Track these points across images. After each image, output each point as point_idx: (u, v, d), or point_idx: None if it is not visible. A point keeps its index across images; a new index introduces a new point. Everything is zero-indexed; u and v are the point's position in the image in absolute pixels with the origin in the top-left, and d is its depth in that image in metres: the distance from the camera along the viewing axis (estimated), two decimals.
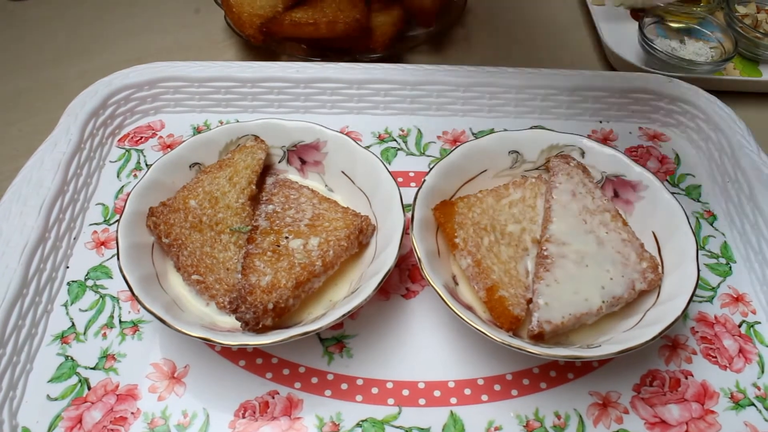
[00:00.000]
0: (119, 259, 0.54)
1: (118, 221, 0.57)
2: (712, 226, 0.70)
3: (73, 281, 0.62)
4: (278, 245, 0.58)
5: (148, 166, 0.67)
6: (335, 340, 0.59)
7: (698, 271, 0.55)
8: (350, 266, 0.60)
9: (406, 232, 0.57)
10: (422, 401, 0.55)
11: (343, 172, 0.66)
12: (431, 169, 0.62)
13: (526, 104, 0.80)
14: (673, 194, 0.61)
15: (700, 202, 0.72)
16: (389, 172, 0.62)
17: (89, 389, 0.55)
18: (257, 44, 0.87)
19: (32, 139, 0.73)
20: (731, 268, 0.66)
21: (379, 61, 0.85)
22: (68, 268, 0.63)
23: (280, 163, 0.68)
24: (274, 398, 0.55)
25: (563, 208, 0.60)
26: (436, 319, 0.60)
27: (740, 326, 0.61)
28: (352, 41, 0.87)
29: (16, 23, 0.99)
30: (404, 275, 0.64)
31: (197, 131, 0.77)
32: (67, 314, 0.60)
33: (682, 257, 0.57)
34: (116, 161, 0.74)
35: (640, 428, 0.54)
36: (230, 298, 0.56)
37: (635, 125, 0.81)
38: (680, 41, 0.94)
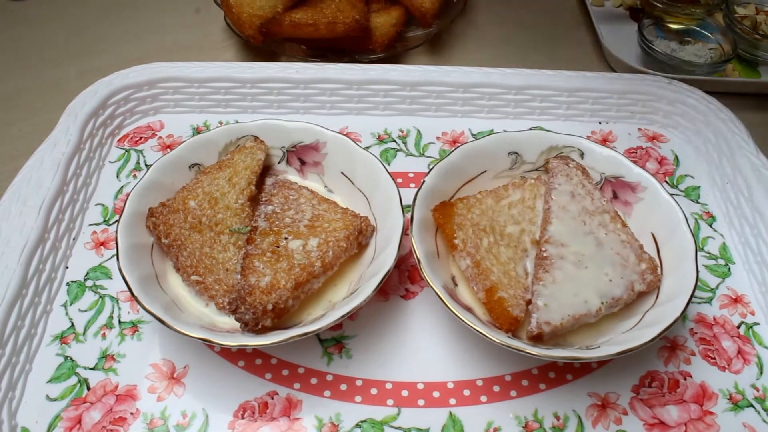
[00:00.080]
0: (119, 259, 0.54)
1: (117, 222, 0.57)
2: (711, 227, 0.70)
3: (72, 281, 0.62)
4: (277, 246, 0.58)
5: (147, 166, 0.67)
6: (334, 340, 0.59)
7: (697, 272, 0.55)
8: (349, 267, 0.60)
9: (405, 233, 0.57)
10: (421, 402, 0.55)
11: (342, 172, 0.66)
12: (431, 170, 0.62)
13: (525, 105, 0.80)
14: (672, 195, 0.61)
15: (699, 203, 0.72)
16: (389, 172, 0.62)
17: (88, 389, 0.55)
18: (257, 45, 0.87)
19: (32, 139, 0.73)
20: (730, 269, 0.66)
21: (378, 61, 0.85)
22: (68, 268, 0.63)
23: (279, 163, 0.68)
24: (273, 399, 0.55)
25: (562, 209, 0.60)
26: (435, 320, 0.60)
27: (739, 327, 0.61)
28: (351, 42, 0.87)
29: (16, 23, 0.99)
30: (403, 276, 0.64)
31: (197, 132, 0.77)
32: (66, 314, 0.60)
33: (681, 258, 0.57)
34: (116, 161, 0.74)
35: (639, 429, 0.54)
36: (230, 298, 0.56)
37: (634, 126, 0.81)
38: (679, 42, 0.94)
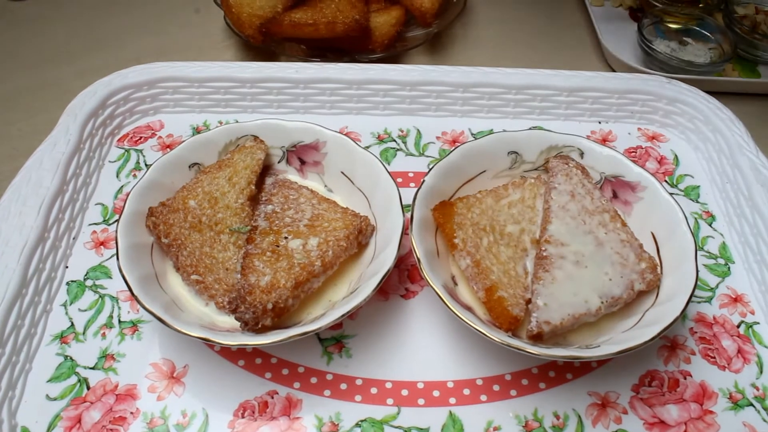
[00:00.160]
0: (118, 259, 0.54)
1: (117, 221, 0.57)
2: (710, 226, 0.70)
3: (72, 281, 0.62)
4: (277, 245, 0.58)
5: (147, 166, 0.67)
6: (334, 340, 0.59)
7: (697, 271, 0.55)
8: (349, 266, 0.60)
9: (405, 232, 0.57)
10: (421, 401, 0.55)
11: (342, 172, 0.66)
12: (430, 169, 0.62)
13: (525, 105, 0.80)
14: (671, 195, 0.61)
15: (698, 202, 0.72)
16: (388, 172, 0.62)
17: (88, 389, 0.55)
18: (256, 45, 0.87)
19: (31, 139, 0.73)
20: (730, 268, 0.66)
21: (378, 61, 0.85)
22: (67, 267, 0.63)
23: (279, 163, 0.68)
24: (273, 398, 0.55)
25: (562, 208, 0.60)
26: (435, 319, 0.60)
27: (739, 327, 0.61)
28: (351, 42, 0.87)
29: (15, 23, 0.99)
30: (403, 275, 0.64)
31: (196, 131, 0.77)
32: (66, 314, 0.60)
33: (680, 258, 0.57)
34: (115, 161, 0.74)
35: (638, 428, 0.54)
36: (229, 298, 0.56)
37: (634, 126, 0.81)
38: (679, 42, 0.94)
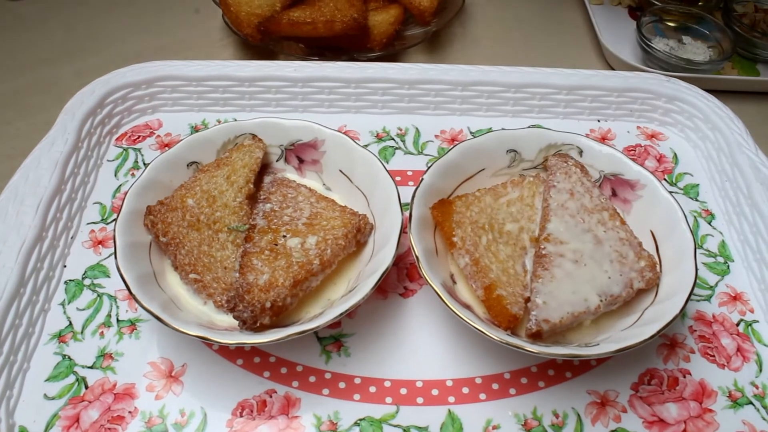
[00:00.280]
0: (117, 257, 0.54)
1: (115, 220, 0.57)
2: (710, 225, 0.70)
3: (70, 280, 0.62)
4: (276, 244, 0.58)
5: (145, 164, 0.67)
6: (333, 338, 0.58)
7: (696, 269, 0.55)
8: (348, 265, 0.60)
9: (404, 230, 0.57)
10: (420, 400, 0.55)
11: (341, 170, 0.66)
12: (429, 167, 0.62)
13: (523, 103, 0.80)
14: (671, 193, 0.61)
15: (698, 201, 0.72)
16: (387, 170, 0.62)
17: (86, 388, 0.55)
18: (255, 43, 0.87)
19: (29, 138, 0.73)
20: (729, 267, 0.66)
21: (376, 60, 0.85)
22: (65, 267, 0.63)
23: (277, 161, 0.68)
24: (271, 397, 0.55)
25: (561, 207, 0.60)
26: (434, 317, 0.60)
27: (738, 325, 0.61)
28: (349, 40, 0.87)
29: (13, 22, 0.99)
30: (402, 274, 0.64)
31: (195, 130, 0.77)
32: (64, 313, 0.60)
33: (680, 256, 0.57)
34: (114, 160, 0.74)
35: (638, 427, 0.54)
36: (228, 296, 0.55)
37: (633, 124, 0.81)
38: (678, 40, 0.94)
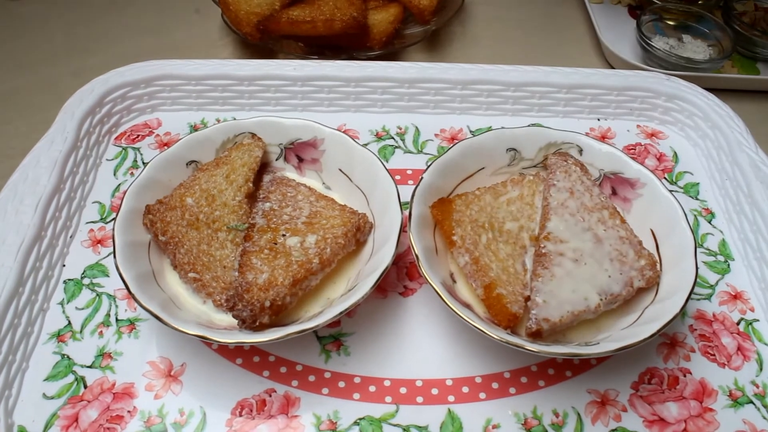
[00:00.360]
0: (116, 257, 0.54)
1: (114, 219, 0.57)
2: (710, 223, 0.70)
3: (69, 279, 0.62)
4: (275, 243, 0.57)
5: (144, 164, 0.67)
6: (332, 338, 0.58)
7: (696, 268, 0.55)
8: (347, 264, 0.60)
9: (403, 229, 0.57)
10: (420, 399, 0.55)
11: (340, 169, 0.66)
12: (429, 166, 0.62)
13: (523, 102, 0.80)
14: (671, 192, 0.61)
15: (698, 199, 0.72)
16: (387, 169, 0.61)
17: (85, 388, 0.55)
18: (254, 42, 0.87)
19: (28, 137, 0.73)
20: (729, 265, 0.66)
21: (376, 58, 0.85)
22: (64, 266, 0.63)
23: (277, 160, 0.68)
24: (271, 396, 0.55)
25: (561, 205, 0.60)
26: (433, 316, 0.60)
27: (738, 324, 0.61)
28: (349, 39, 0.87)
29: (12, 21, 0.99)
30: (402, 273, 0.64)
31: (194, 129, 0.77)
32: (63, 312, 0.60)
33: (680, 255, 0.56)
34: (113, 159, 0.74)
35: (638, 426, 0.54)
36: (227, 295, 0.55)
37: (633, 123, 0.81)
38: (678, 39, 0.94)
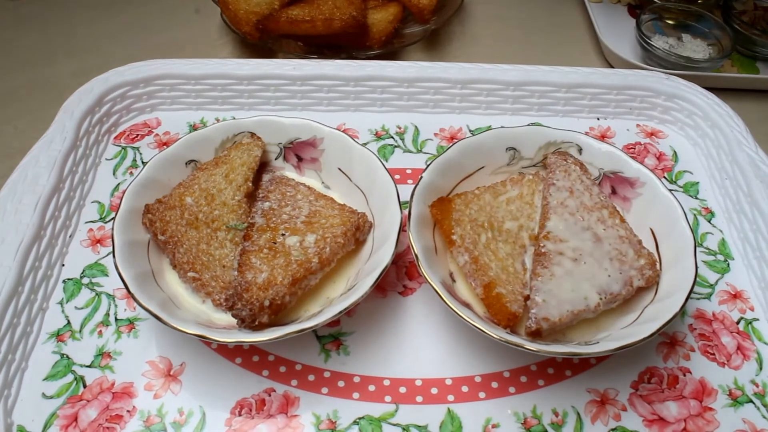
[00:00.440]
0: (115, 256, 0.54)
1: (113, 219, 0.57)
2: (710, 223, 0.70)
3: (68, 279, 0.62)
4: (274, 242, 0.57)
5: (144, 163, 0.67)
6: (332, 337, 0.58)
7: (696, 268, 0.54)
8: (347, 263, 0.60)
9: (403, 229, 0.57)
10: (419, 398, 0.55)
11: (339, 169, 0.66)
12: (428, 166, 0.62)
13: (523, 101, 0.80)
14: (670, 191, 0.60)
15: (697, 199, 0.72)
16: (386, 169, 0.61)
17: (85, 387, 0.55)
18: (253, 42, 0.87)
19: (28, 136, 0.73)
20: (729, 265, 0.66)
21: (375, 58, 0.85)
22: (64, 265, 0.63)
23: (276, 160, 0.68)
24: (270, 396, 0.54)
25: (560, 205, 0.60)
26: (433, 316, 0.60)
27: (738, 323, 0.61)
28: (348, 38, 0.87)
29: (11, 21, 0.99)
30: (401, 272, 0.63)
31: (193, 128, 0.77)
32: (62, 312, 0.60)
33: (680, 254, 0.56)
34: (112, 159, 0.73)
35: (638, 425, 0.54)
36: (226, 295, 0.55)
37: (633, 122, 0.81)
38: (678, 38, 0.94)
